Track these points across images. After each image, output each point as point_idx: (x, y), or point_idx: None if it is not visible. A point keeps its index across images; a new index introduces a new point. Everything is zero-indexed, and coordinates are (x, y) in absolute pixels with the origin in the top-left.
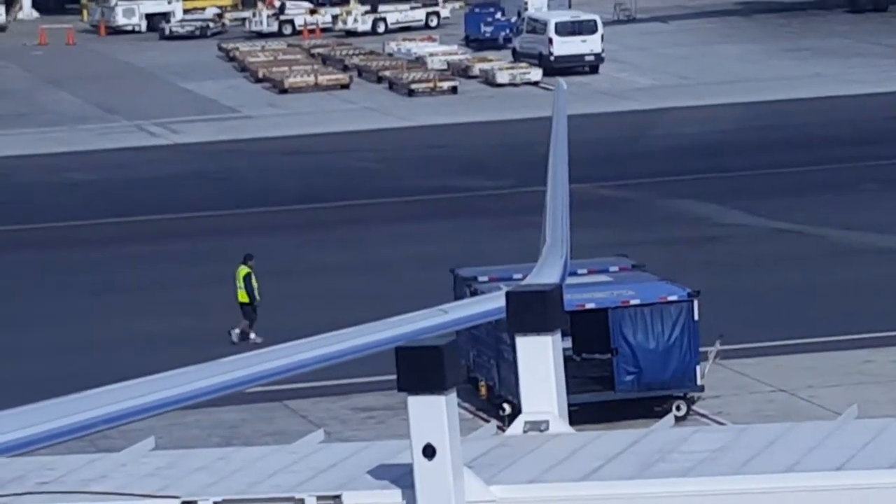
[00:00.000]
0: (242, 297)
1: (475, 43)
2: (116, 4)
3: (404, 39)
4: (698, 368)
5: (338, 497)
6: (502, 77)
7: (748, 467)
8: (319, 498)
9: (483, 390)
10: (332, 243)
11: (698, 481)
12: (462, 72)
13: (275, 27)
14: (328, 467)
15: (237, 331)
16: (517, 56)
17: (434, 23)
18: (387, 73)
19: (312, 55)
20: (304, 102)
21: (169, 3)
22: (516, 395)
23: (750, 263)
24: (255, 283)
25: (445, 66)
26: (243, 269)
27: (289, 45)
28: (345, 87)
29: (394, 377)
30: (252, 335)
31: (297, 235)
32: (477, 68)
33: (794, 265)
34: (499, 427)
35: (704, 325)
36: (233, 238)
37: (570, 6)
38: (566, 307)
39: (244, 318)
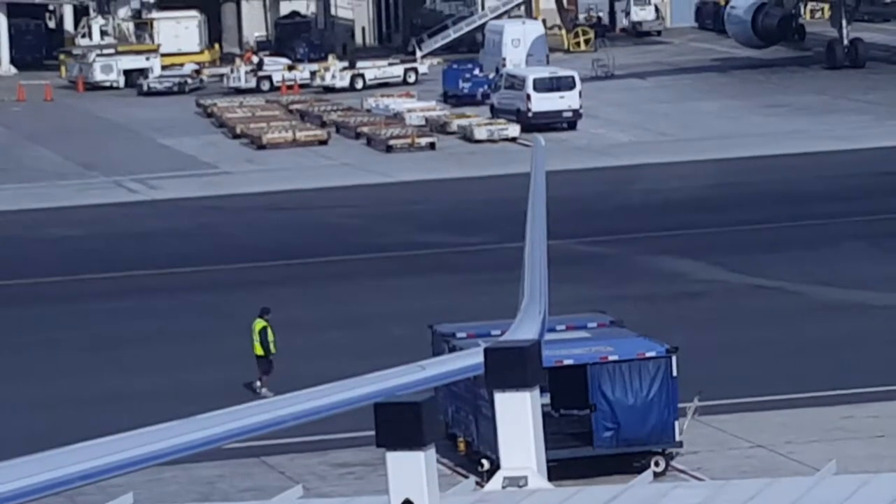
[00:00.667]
0: (258, 349)
1: (453, 99)
2: (94, 60)
3: (382, 95)
4: (677, 424)
5: None
6: (480, 133)
7: None
8: None
9: (461, 446)
10: (310, 299)
11: None
12: (440, 128)
13: (253, 83)
14: None
15: (258, 383)
16: (495, 112)
17: (412, 79)
18: (365, 129)
19: (290, 111)
20: (282, 158)
21: (147, 59)
22: (495, 450)
23: (729, 319)
24: (270, 337)
25: (423, 122)
26: (259, 323)
27: (267, 101)
28: (323, 143)
29: (372, 433)
30: (263, 389)
31: (276, 291)
32: (455, 124)
33: (772, 321)
34: (477, 483)
35: (683, 381)
36: (212, 294)
37: (548, 62)
38: (545, 363)
39: (259, 371)
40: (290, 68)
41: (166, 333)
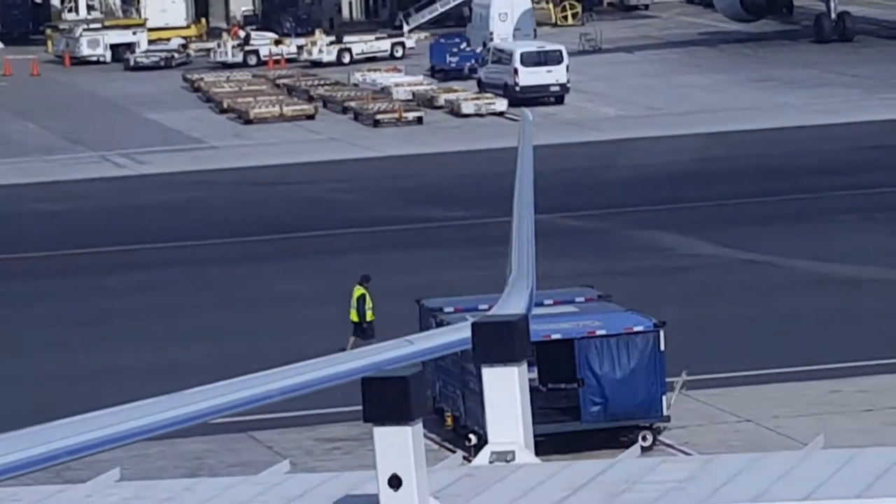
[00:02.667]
0: (353, 316)
1: (440, 73)
2: (81, 35)
3: (370, 70)
4: (664, 399)
5: None
6: (468, 107)
7: (715, 497)
8: None
9: (449, 421)
10: (298, 273)
11: None
12: (427, 102)
13: (240, 58)
14: (294, 498)
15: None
16: (482, 86)
17: (399, 53)
18: (352, 103)
19: (277, 86)
20: (269, 133)
21: (134, 34)
22: (482, 425)
23: (717, 294)
24: (368, 304)
25: (411, 97)
26: (358, 290)
27: (254, 76)
28: (310, 117)
29: (360, 408)
30: None
31: (265, 265)
32: (442, 99)
33: (761, 296)
34: (465, 458)
35: (671, 355)
36: (200, 268)
37: (535, 36)
38: (532, 338)
39: (353, 336)
40: (277, 43)
41: (154, 308)
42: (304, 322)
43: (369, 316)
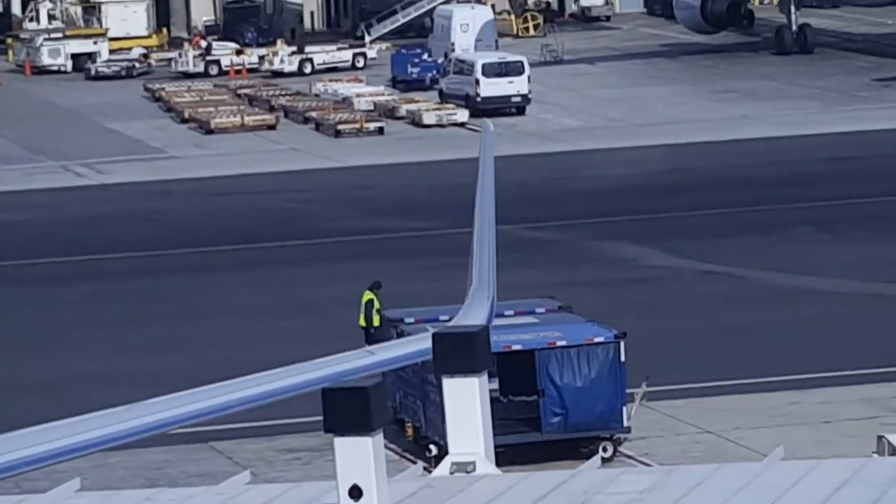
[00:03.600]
0: (362, 321)
1: (402, 84)
2: (42, 45)
3: (331, 80)
4: (625, 410)
5: None
6: (429, 118)
7: None
8: None
9: (410, 431)
10: (258, 284)
11: None
12: (389, 113)
13: (201, 68)
14: None
15: None
16: (444, 97)
17: (361, 64)
18: (313, 113)
19: (239, 96)
20: (230, 143)
21: (95, 43)
22: (443, 436)
23: (677, 305)
24: (376, 307)
25: (372, 107)
26: (367, 295)
27: (215, 86)
28: (271, 127)
29: (320, 418)
30: None
31: (224, 276)
32: (404, 109)
33: (721, 307)
34: (425, 468)
35: (631, 366)
36: (162, 278)
37: (497, 47)
38: (493, 349)
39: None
40: (239, 53)
41: (114, 318)
42: (264, 332)
43: (376, 321)
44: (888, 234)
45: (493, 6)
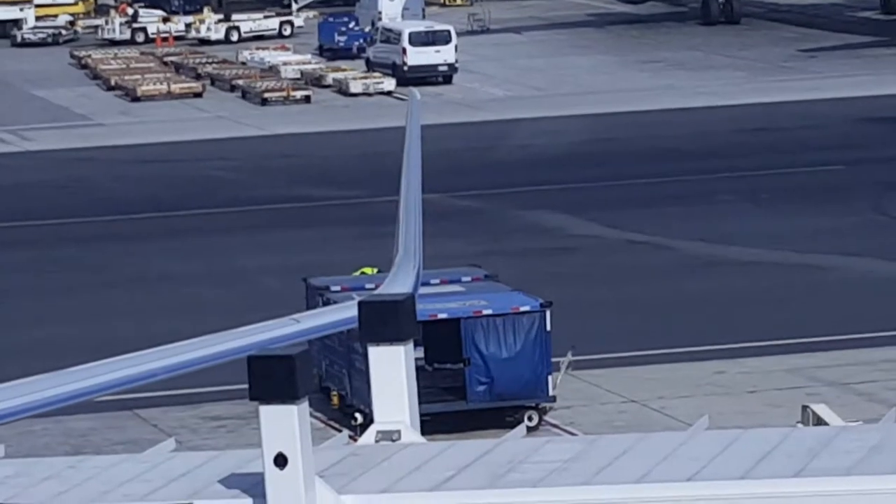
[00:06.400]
0: None
1: (329, 52)
2: None
3: (258, 48)
4: (550, 379)
5: None
6: (356, 87)
7: (599, 477)
8: None
9: (335, 399)
10: (183, 252)
11: (549, 491)
12: (315, 81)
13: (127, 35)
14: (179, 476)
15: None
16: (371, 66)
17: (288, 32)
18: (240, 81)
19: (165, 63)
20: (156, 111)
21: (21, 10)
22: (368, 404)
23: (602, 274)
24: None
25: (299, 76)
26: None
27: (141, 53)
28: (198, 95)
29: (245, 386)
30: None
31: (149, 244)
32: (330, 78)
33: (646, 277)
34: (351, 436)
35: (556, 335)
36: (83, 247)
37: (424, 17)
38: (418, 317)
39: None
40: (165, 20)
41: (37, 286)
42: (189, 300)
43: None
44: (811, 204)
45: None
